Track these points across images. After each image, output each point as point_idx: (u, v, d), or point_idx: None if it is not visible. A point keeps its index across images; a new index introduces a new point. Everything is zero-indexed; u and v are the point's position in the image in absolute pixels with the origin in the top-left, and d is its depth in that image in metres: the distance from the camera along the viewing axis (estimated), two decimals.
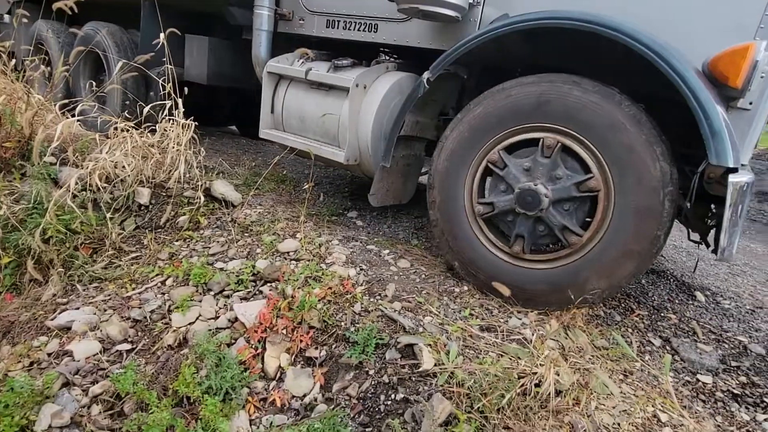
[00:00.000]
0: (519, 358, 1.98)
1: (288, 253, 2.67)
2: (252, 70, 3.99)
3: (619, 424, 1.78)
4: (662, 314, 2.73)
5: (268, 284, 2.45)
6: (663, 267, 3.71)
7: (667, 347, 2.40)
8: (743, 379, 2.19)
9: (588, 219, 2.29)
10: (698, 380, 2.18)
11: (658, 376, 2.12)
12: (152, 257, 2.78)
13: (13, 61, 3.69)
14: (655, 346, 2.39)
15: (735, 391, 2.11)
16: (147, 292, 2.48)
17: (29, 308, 2.48)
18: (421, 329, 2.12)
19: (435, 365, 1.93)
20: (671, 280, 3.34)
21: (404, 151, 3.06)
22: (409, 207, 4.04)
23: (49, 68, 4.02)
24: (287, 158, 3.60)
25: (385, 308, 2.24)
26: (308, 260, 2.59)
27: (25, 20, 3.78)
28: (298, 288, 2.35)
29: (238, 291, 2.42)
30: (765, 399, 2.06)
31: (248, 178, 3.77)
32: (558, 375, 1.85)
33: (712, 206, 2.49)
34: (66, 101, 3.51)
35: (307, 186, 3.15)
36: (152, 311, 2.35)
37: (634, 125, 2.07)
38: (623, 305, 2.76)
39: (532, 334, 2.16)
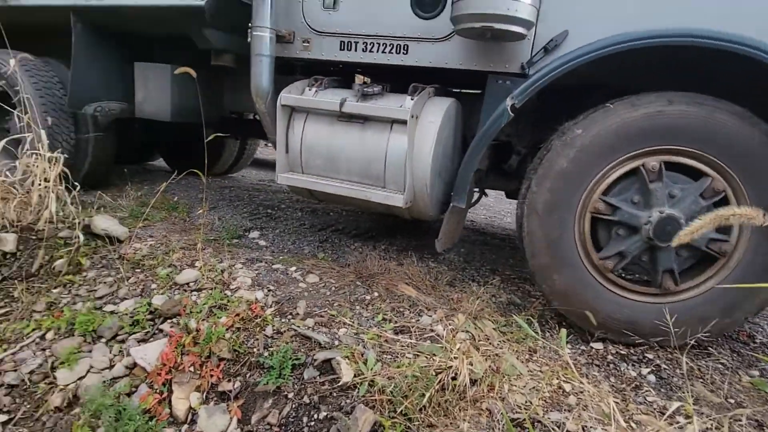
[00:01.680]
0: (434, 355, 2.05)
1: (188, 284, 2.51)
2: (218, 103, 3.61)
3: (530, 402, 1.91)
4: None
5: (168, 321, 2.27)
6: None
7: (563, 323, 2.63)
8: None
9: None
10: (591, 347, 2.41)
11: (558, 350, 2.31)
12: (26, 310, 2.44)
13: None
14: (552, 323, 2.60)
15: (622, 352, 2.36)
16: (23, 351, 2.18)
17: None
18: (336, 342, 2.10)
19: (354, 376, 1.93)
20: None
21: None
22: (312, 219, 4.01)
23: None
24: (176, 183, 3.38)
25: (298, 327, 2.19)
26: (211, 289, 2.45)
27: None
28: (203, 320, 2.21)
29: (134, 333, 2.22)
30: (646, 355, 2.34)
31: (134, 209, 3.49)
32: (471, 365, 1.94)
33: None
34: None
35: (201, 210, 2.98)
36: (31, 372, 2.06)
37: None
38: (521, 289, 2.97)
39: (444, 330, 2.25)
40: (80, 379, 2.02)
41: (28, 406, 1.96)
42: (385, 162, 2.62)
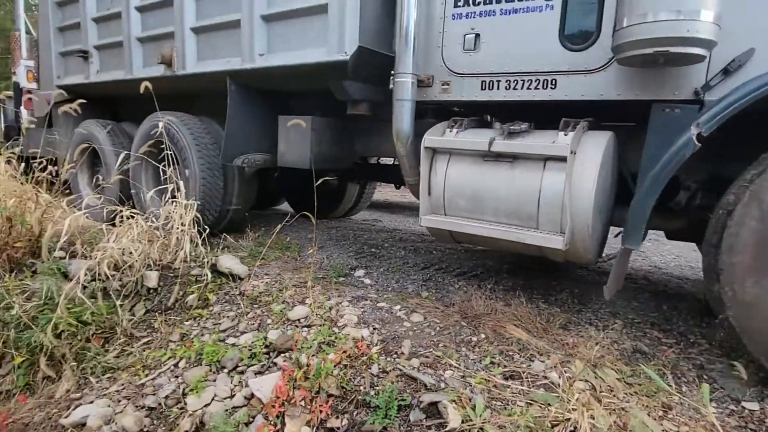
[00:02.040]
0: (549, 404, 1.89)
1: (299, 320, 2.63)
2: (351, 149, 3.95)
3: None
4: (691, 340, 2.62)
5: (282, 355, 2.39)
6: (683, 290, 3.62)
7: (704, 375, 2.29)
8: None
9: None
10: (744, 408, 2.05)
11: (699, 408, 2.00)
12: (164, 340, 2.74)
13: (23, 164, 3.84)
14: (690, 375, 2.28)
15: None
16: (160, 377, 2.43)
17: (43, 407, 2.42)
18: (443, 385, 2.04)
19: (462, 422, 1.84)
20: (693, 302, 3.25)
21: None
22: (415, 258, 4.02)
23: (64, 167, 4.07)
24: (289, 225, 3.63)
25: (404, 367, 2.17)
26: (320, 325, 2.55)
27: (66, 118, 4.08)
28: (312, 355, 2.29)
29: (252, 365, 2.36)
30: None
31: (253, 249, 3.80)
32: (593, 419, 1.75)
33: None
34: (72, 197, 3.61)
35: (311, 250, 3.16)
36: (166, 397, 2.28)
37: None
38: (648, 336, 2.66)
39: (559, 377, 2.08)
40: (206, 406, 2.19)
41: (163, 428, 2.16)
42: (538, 202, 2.49)
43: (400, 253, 4.21)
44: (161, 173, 3.74)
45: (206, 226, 3.84)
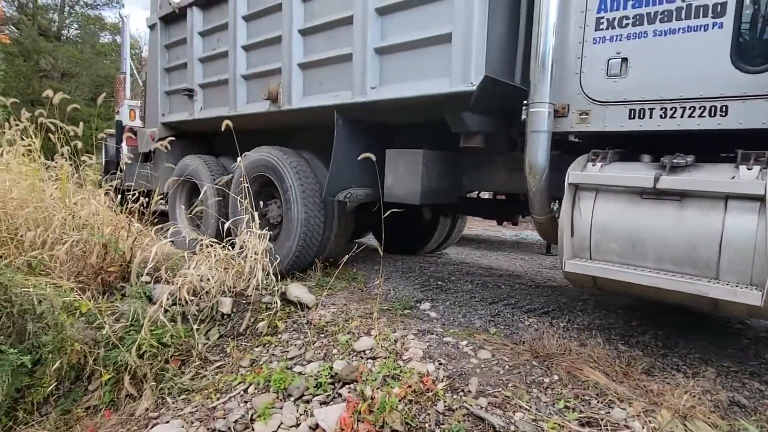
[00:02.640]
0: None
1: (364, 351, 2.63)
2: (459, 183, 3.88)
3: None
4: None
5: (347, 386, 2.39)
6: None
7: None
8: None
9: None
10: None
11: None
12: (235, 365, 2.84)
13: (119, 196, 4.24)
14: None
15: None
16: (230, 402, 2.51)
17: (124, 424, 2.57)
18: (512, 428, 1.94)
19: None
20: None
21: None
22: (483, 292, 3.91)
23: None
24: (356, 255, 3.68)
25: (470, 405, 2.09)
26: (384, 358, 2.53)
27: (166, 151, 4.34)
28: (377, 388, 2.27)
29: (317, 395, 2.38)
30: None
31: (320, 279, 3.88)
32: None
33: None
34: (160, 225, 3.90)
35: (377, 281, 3.17)
36: (236, 421, 2.35)
37: None
38: (747, 387, 2.38)
39: (643, 428, 1.90)
40: None
41: None
42: (719, 247, 2.18)
43: (466, 287, 4.12)
44: (260, 207, 3.93)
45: (306, 262, 4.05)
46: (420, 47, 3.18)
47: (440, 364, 2.46)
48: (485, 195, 5.21)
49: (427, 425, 2.04)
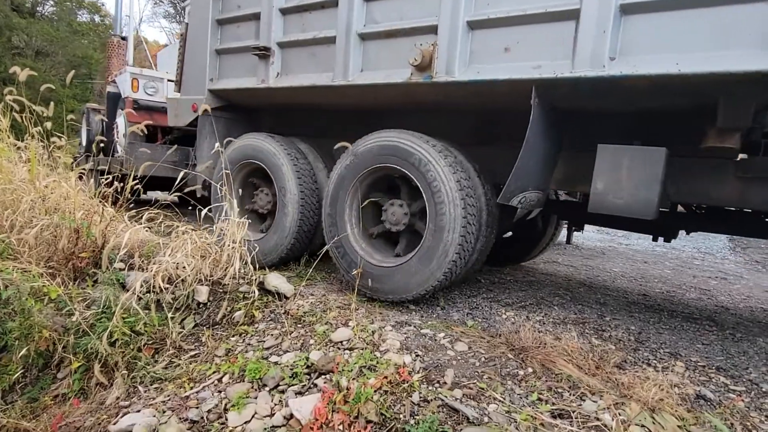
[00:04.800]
0: None
1: (341, 342, 2.62)
2: (664, 191, 2.77)
3: None
4: (764, 389, 2.39)
5: (323, 376, 2.38)
6: (754, 333, 3.33)
7: None
8: None
9: None
10: None
11: None
12: (210, 354, 2.80)
13: (92, 180, 4.11)
14: (763, 428, 2.06)
15: None
16: (204, 391, 2.47)
17: (93, 413, 2.52)
18: (486, 419, 1.96)
19: None
20: (765, 346, 2.97)
21: None
22: (462, 286, 3.94)
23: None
24: None
25: (446, 397, 2.10)
26: (362, 349, 2.52)
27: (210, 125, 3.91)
28: (353, 379, 2.26)
29: (293, 385, 2.36)
30: None
31: (300, 270, 3.85)
32: None
33: None
34: (135, 210, 3.78)
35: (355, 272, 3.16)
36: (209, 411, 2.32)
37: None
38: (714, 381, 2.45)
39: (613, 420, 1.94)
40: (246, 423, 2.20)
41: None
42: None
43: None
44: (379, 211, 3.32)
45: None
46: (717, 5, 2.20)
47: (417, 355, 2.46)
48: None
49: (402, 416, 2.04)
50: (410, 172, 3.07)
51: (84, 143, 8.70)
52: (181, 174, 3.80)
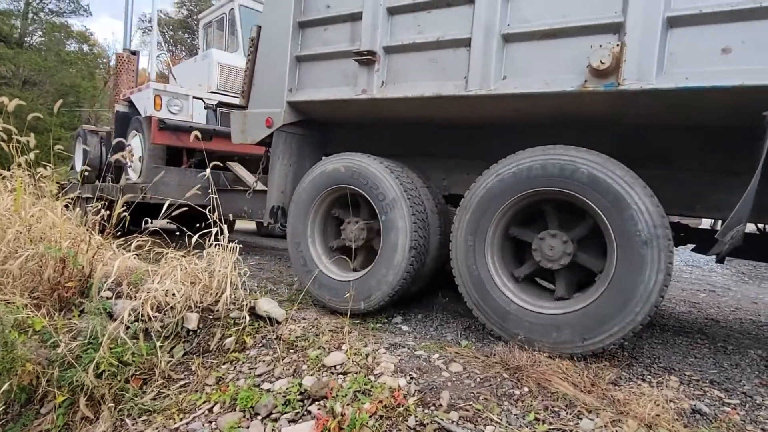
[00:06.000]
0: None
1: (335, 366, 2.58)
2: None
3: None
4: (758, 401, 2.39)
5: (317, 402, 2.33)
6: (745, 345, 3.34)
7: None
8: None
9: None
10: None
11: None
12: (200, 383, 2.74)
13: (78, 209, 4.07)
14: None
15: None
16: (194, 422, 2.41)
17: None
18: None
19: None
20: (756, 359, 2.99)
21: None
22: (456, 305, 3.92)
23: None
24: None
25: (442, 420, 2.07)
26: (356, 373, 2.48)
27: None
28: (348, 404, 2.22)
29: (285, 413, 2.31)
30: None
31: (291, 294, 3.81)
32: None
33: None
34: (124, 238, 3.72)
35: (347, 295, 3.13)
36: None
37: None
38: (708, 395, 2.45)
39: None
40: None
41: None
42: None
43: (439, 300, 4.12)
44: (530, 254, 2.84)
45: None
46: None
47: (412, 378, 2.43)
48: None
49: None
50: (606, 209, 2.50)
51: (79, 167, 8.20)
52: (250, 190, 3.56)
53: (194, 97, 6.76)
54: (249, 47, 4.04)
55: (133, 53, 8.28)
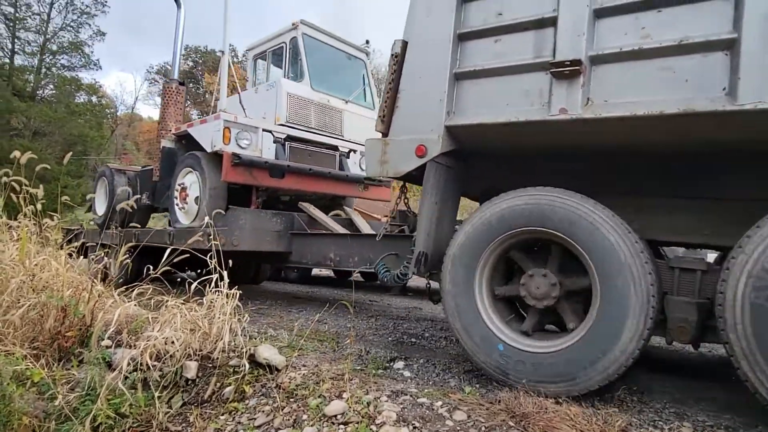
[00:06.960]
0: None
1: (335, 416, 2.52)
2: None
3: None
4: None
5: None
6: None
7: None
8: None
9: None
10: None
11: None
12: None
13: (82, 257, 4.09)
14: None
15: None
16: None
17: None
18: None
19: None
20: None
21: None
22: (458, 348, 3.86)
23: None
24: (330, 313, 3.60)
25: None
26: (357, 422, 2.42)
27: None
28: None
29: None
30: None
31: (292, 340, 3.77)
32: None
33: None
34: (126, 286, 3.70)
35: (348, 341, 3.09)
36: None
37: None
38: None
39: None
40: None
41: None
42: None
43: (441, 344, 4.06)
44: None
45: None
46: None
47: (414, 427, 2.37)
48: None
49: None
50: None
51: (101, 212, 7.45)
52: (380, 233, 2.97)
53: (264, 130, 6.11)
54: (391, 65, 3.47)
55: (182, 84, 7.61)
